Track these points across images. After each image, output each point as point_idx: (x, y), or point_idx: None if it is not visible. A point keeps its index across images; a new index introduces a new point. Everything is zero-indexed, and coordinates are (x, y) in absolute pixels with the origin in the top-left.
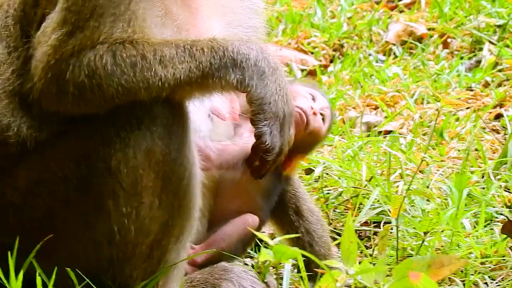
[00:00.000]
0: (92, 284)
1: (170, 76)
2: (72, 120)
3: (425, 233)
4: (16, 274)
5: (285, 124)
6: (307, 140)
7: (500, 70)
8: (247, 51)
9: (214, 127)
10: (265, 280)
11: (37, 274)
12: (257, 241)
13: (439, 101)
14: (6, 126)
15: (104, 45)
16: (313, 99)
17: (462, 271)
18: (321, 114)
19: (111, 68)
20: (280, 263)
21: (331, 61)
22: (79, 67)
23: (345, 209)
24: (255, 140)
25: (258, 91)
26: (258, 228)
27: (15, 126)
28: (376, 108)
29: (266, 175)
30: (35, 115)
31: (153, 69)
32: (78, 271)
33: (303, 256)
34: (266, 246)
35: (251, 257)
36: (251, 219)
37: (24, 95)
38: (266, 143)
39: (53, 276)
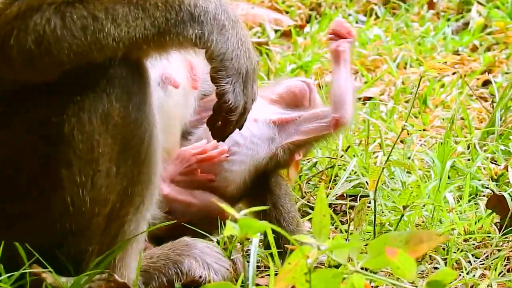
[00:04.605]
0: (42, 260)
1: (124, 35)
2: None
3: (405, 208)
4: None
5: (248, 81)
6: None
7: (489, 33)
8: (205, 3)
9: (166, 96)
10: (231, 257)
11: None
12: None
13: (423, 66)
14: None
15: (51, 7)
16: None
17: (443, 249)
18: None
19: (60, 33)
20: (247, 239)
21: (308, 21)
22: (25, 31)
23: (320, 181)
24: (216, 100)
25: (219, 46)
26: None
27: None
28: (356, 72)
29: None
30: None
31: (106, 30)
32: (28, 246)
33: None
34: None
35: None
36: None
37: None
38: (229, 102)
39: None
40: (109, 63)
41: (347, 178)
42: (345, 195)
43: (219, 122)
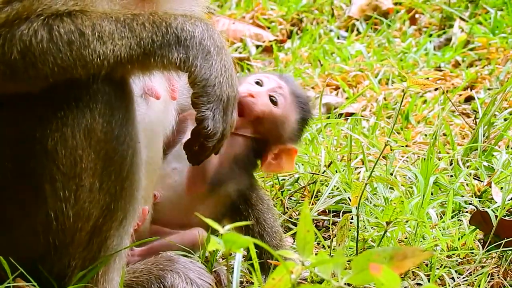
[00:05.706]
0: (26, 274)
1: (110, 53)
2: (5, 98)
3: (388, 223)
4: None
5: (229, 108)
6: (267, 125)
7: (471, 49)
8: (192, 28)
9: (148, 108)
10: (214, 269)
11: None
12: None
13: (405, 81)
14: None
15: (39, 18)
16: (258, 83)
17: (427, 265)
18: (270, 96)
19: (46, 46)
20: (230, 254)
21: (289, 37)
22: (11, 41)
23: (302, 197)
24: (196, 124)
25: (203, 72)
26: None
27: None
28: (337, 88)
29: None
30: None
31: (91, 47)
32: (12, 260)
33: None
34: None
35: None
36: (201, 234)
37: None
38: (208, 128)
39: None
40: (92, 78)
41: (329, 193)
42: (327, 210)
43: (196, 147)
